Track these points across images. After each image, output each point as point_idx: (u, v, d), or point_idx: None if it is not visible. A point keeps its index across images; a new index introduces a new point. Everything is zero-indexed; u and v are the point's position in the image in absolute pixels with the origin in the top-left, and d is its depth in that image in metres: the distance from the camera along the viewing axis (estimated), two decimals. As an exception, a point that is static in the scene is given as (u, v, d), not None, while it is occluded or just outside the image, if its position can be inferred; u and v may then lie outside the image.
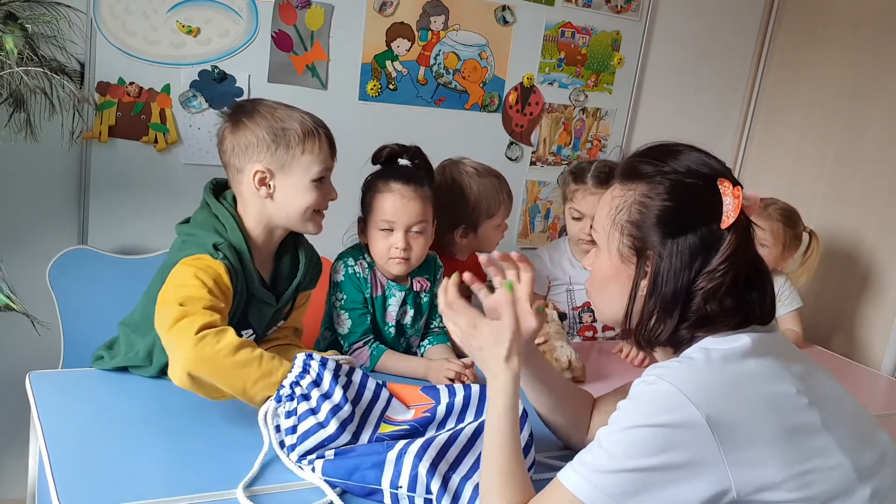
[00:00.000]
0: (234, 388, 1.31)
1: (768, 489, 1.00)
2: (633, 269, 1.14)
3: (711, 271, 1.09)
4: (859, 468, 1.05)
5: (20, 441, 1.70)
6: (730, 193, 1.11)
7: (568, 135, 2.86)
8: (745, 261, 1.11)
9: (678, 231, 1.10)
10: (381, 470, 1.20)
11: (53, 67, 1.82)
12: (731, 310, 1.10)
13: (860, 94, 2.78)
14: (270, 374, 1.31)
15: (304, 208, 1.52)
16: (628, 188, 1.16)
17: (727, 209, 1.10)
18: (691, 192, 1.12)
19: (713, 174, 1.14)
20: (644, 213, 1.13)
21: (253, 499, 1.17)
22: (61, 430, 1.30)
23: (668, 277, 1.10)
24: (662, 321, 1.12)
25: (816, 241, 2.48)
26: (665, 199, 1.12)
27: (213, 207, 1.53)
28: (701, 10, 2.98)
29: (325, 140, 1.53)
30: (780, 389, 1.05)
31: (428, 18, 2.50)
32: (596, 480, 1.00)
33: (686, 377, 1.03)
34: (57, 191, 2.15)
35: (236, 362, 1.30)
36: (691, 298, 1.10)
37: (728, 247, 1.09)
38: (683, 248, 1.10)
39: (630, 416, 1.03)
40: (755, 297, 1.13)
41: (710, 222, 1.10)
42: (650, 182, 1.13)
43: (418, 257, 1.78)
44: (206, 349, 1.30)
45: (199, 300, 1.36)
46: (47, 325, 1.79)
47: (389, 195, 1.74)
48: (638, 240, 1.13)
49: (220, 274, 1.42)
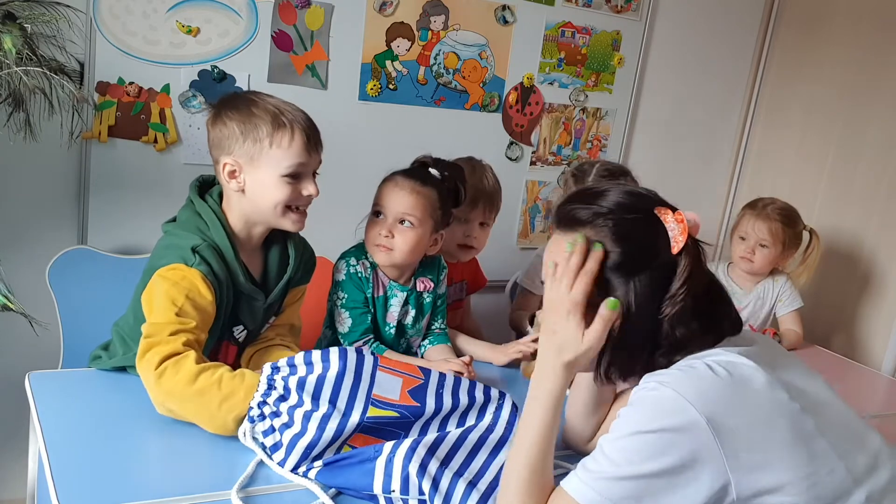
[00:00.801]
0: (201, 416, 1.31)
1: (768, 493, 1.01)
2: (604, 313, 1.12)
3: (673, 296, 1.11)
4: (854, 472, 1.06)
5: (20, 441, 1.70)
6: (671, 220, 1.13)
7: (568, 135, 2.86)
8: (700, 280, 1.13)
9: (637, 269, 1.12)
10: (372, 477, 1.19)
11: (53, 67, 1.82)
12: (699, 330, 1.12)
13: (860, 93, 2.78)
14: (233, 394, 1.30)
15: (274, 203, 1.49)
16: (573, 237, 1.14)
17: (674, 235, 1.12)
18: (635, 229, 1.13)
19: (648, 204, 1.15)
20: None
21: (248, 500, 1.17)
22: (61, 430, 1.30)
23: (639, 315, 1.11)
24: (637, 355, 1.13)
25: (817, 240, 2.49)
26: (614, 244, 1.12)
27: (196, 205, 1.53)
28: (701, 9, 2.98)
29: (300, 134, 1.48)
30: (777, 395, 1.06)
31: (428, 18, 2.50)
32: (600, 487, 1.01)
33: (687, 383, 1.04)
34: (56, 191, 2.15)
35: (196, 390, 1.30)
36: (660, 327, 1.11)
37: (684, 270, 1.11)
38: (646, 284, 1.11)
39: (632, 422, 1.04)
40: (720, 311, 1.16)
41: (661, 252, 1.12)
42: (593, 227, 1.14)
43: (402, 252, 1.76)
44: (167, 383, 1.31)
45: (165, 326, 1.37)
46: (46, 326, 1.79)
47: (388, 184, 1.78)
48: (601, 289, 1.13)
49: (194, 285, 1.41)
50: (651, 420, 1.02)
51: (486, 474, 1.20)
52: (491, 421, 1.28)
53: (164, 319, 1.37)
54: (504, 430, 1.27)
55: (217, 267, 1.45)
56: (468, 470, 1.20)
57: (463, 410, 1.31)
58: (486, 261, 2.29)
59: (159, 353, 1.33)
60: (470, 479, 1.18)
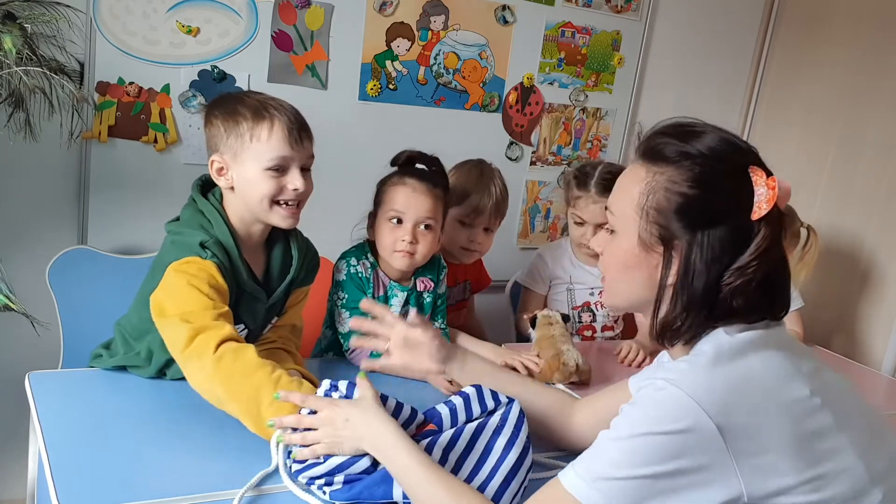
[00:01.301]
0: (249, 410, 1.29)
1: (780, 494, 0.97)
2: (657, 259, 1.09)
3: (742, 267, 1.03)
4: (872, 470, 1.02)
5: (20, 441, 1.69)
6: (763, 183, 1.04)
7: (568, 135, 2.86)
8: (775, 256, 1.06)
9: (708, 222, 1.04)
10: (391, 484, 1.17)
11: (53, 67, 1.82)
12: (754, 305, 1.06)
13: (860, 93, 2.78)
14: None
15: (259, 198, 1.47)
16: (652, 171, 1.09)
17: (759, 200, 1.04)
18: (721, 180, 1.05)
19: (743, 160, 1.07)
20: (672, 201, 1.06)
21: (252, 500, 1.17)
22: (61, 429, 1.30)
23: (698, 271, 1.04)
24: (689, 316, 1.06)
25: (815, 237, 2.48)
26: (694, 186, 1.05)
27: (198, 203, 1.52)
28: (701, 9, 2.98)
29: (280, 127, 1.45)
30: (793, 392, 1.01)
31: (428, 18, 2.50)
32: (602, 487, 0.97)
33: (695, 381, 0.99)
34: (56, 191, 2.15)
35: (253, 384, 1.29)
36: (718, 293, 1.04)
37: (761, 241, 1.03)
38: (714, 241, 1.04)
39: (638, 422, 0.99)
40: (777, 294, 1.08)
41: (741, 213, 1.04)
42: (678, 167, 1.06)
43: (423, 255, 1.78)
44: (226, 368, 1.30)
45: (203, 312, 1.35)
46: (47, 326, 1.79)
47: (402, 188, 1.75)
48: (664, 228, 1.07)
49: (212, 274, 1.41)
50: (658, 422, 0.97)
51: (494, 478, 1.19)
52: (499, 422, 1.27)
53: (198, 306, 1.36)
54: (511, 433, 1.25)
55: (224, 262, 1.46)
56: (477, 476, 1.19)
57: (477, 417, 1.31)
58: (486, 261, 2.30)
59: (214, 338, 1.32)
60: (479, 484, 1.17)
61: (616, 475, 0.97)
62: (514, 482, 1.19)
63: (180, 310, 1.36)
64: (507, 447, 1.23)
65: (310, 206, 1.58)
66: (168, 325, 1.38)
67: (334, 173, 2.19)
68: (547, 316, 1.89)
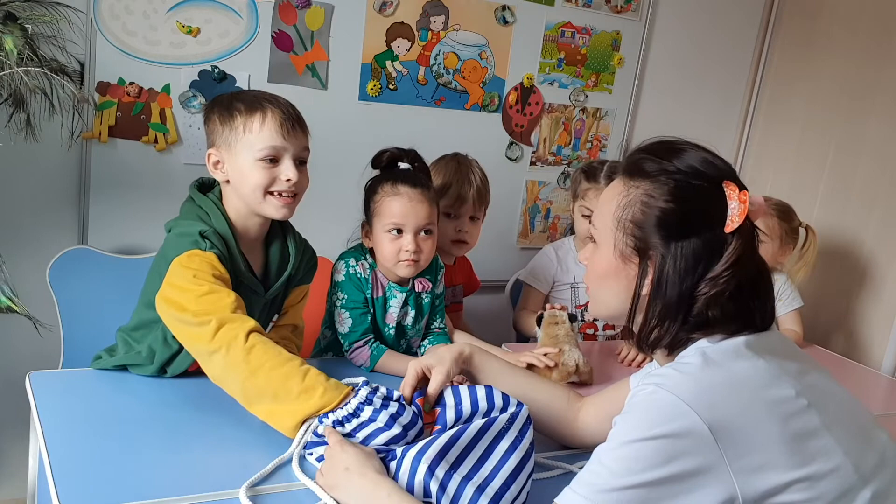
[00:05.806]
0: (275, 403, 1.30)
1: (774, 494, 0.98)
2: (634, 270, 1.13)
3: (715, 277, 1.07)
4: (860, 469, 1.03)
5: (20, 441, 1.70)
6: (735, 197, 1.09)
7: (568, 135, 2.86)
8: (749, 267, 1.10)
9: (682, 234, 1.09)
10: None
11: (53, 67, 1.82)
12: (731, 315, 1.09)
13: (860, 91, 2.78)
14: (313, 389, 1.29)
15: (252, 188, 1.48)
16: (631, 185, 1.14)
17: (732, 213, 1.08)
18: (696, 194, 1.10)
19: (718, 176, 1.11)
20: (647, 214, 1.11)
21: (254, 499, 1.17)
22: (61, 429, 1.30)
23: (671, 281, 1.08)
24: (665, 325, 1.10)
25: (813, 235, 2.48)
26: (669, 200, 1.10)
27: (196, 199, 1.54)
28: (701, 9, 2.98)
29: (273, 117, 1.47)
30: (779, 393, 1.03)
31: (428, 18, 2.50)
32: (599, 500, 0.97)
33: (685, 384, 1.01)
34: (57, 191, 2.15)
35: (282, 374, 1.30)
36: (693, 303, 1.08)
37: (732, 252, 1.08)
38: (687, 252, 1.08)
39: (630, 429, 1.00)
40: (757, 305, 1.11)
41: (714, 226, 1.09)
42: (654, 181, 1.11)
43: (427, 259, 1.79)
44: (256, 359, 1.31)
45: (221, 306, 1.36)
46: (49, 328, 1.79)
47: (398, 198, 1.74)
48: (640, 240, 1.12)
49: (214, 265, 1.43)
50: (650, 426, 0.98)
51: (494, 479, 1.19)
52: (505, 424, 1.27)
53: (211, 299, 1.38)
54: (515, 437, 1.25)
55: (223, 252, 1.47)
56: (477, 475, 1.19)
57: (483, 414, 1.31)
58: (486, 261, 2.30)
59: (241, 329, 1.33)
60: (479, 483, 1.17)
61: (614, 485, 0.97)
62: (515, 485, 1.19)
63: (195, 305, 1.37)
64: (510, 450, 1.23)
65: (309, 205, 1.59)
66: (183, 320, 1.38)
67: (334, 173, 2.19)
68: (553, 315, 1.89)
